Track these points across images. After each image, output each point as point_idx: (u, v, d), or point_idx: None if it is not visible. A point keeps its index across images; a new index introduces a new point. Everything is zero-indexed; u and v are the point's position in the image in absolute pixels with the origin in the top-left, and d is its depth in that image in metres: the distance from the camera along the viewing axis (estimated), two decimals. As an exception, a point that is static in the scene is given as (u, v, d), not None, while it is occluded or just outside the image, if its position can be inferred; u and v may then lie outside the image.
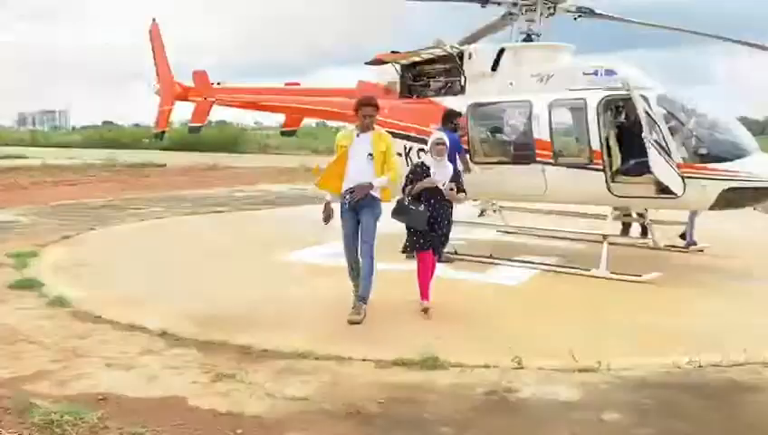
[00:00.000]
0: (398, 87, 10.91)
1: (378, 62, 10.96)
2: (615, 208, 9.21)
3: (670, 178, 8.06)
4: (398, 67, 10.81)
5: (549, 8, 10.05)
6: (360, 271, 6.42)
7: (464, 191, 6.83)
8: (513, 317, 6.59)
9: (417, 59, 10.58)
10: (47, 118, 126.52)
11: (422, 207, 6.38)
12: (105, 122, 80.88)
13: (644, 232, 10.83)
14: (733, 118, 8.92)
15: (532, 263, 9.08)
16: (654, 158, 7.94)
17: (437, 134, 6.82)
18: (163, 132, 14.55)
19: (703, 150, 8.33)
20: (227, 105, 13.18)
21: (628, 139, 8.85)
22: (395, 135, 10.46)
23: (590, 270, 8.48)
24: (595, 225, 9.97)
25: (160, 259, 9.23)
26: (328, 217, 6.41)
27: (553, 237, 10.75)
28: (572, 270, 8.67)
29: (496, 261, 9.16)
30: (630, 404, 4.45)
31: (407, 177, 6.63)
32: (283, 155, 41.02)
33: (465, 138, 9.28)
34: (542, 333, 5.93)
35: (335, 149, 6.52)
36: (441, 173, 6.51)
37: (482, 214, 12.10)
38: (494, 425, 4.09)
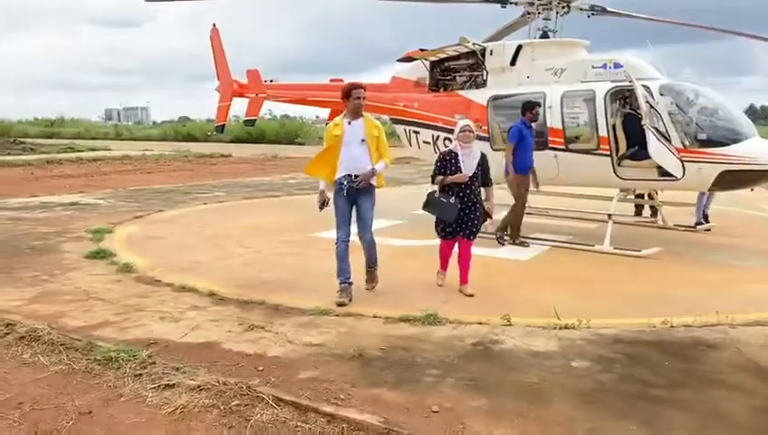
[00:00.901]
0: (427, 81, 11.26)
1: (407, 59, 11.37)
2: (621, 190, 9.39)
3: (670, 163, 8.22)
4: (426, 63, 11.16)
5: (563, 7, 10.20)
6: (348, 253, 6.21)
7: (489, 181, 6.46)
8: (517, 287, 6.84)
9: (443, 55, 10.88)
10: (130, 114, 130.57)
11: (453, 199, 6.22)
12: (181, 118, 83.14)
13: (654, 213, 10.94)
14: (733, 105, 8.91)
15: (545, 240, 9.33)
16: (653, 143, 8.10)
17: (464, 121, 6.52)
18: (223, 126, 15.20)
19: (701, 136, 8.42)
20: (277, 100, 13.75)
21: (632, 126, 9.01)
22: (424, 126, 10.93)
23: (594, 246, 8.72)
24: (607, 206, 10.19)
25: (216, 234, 9.83)
26: (323, 203, 6.18)
27: (568, 217, 10.96)
28: (580, 246, 8.91)
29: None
30: (599, 355, 4.76)
31: (435, 164, 6.44)
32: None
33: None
34: (537, 299, 6.22)
35: (325, 140, 6.24)
36: (468, 162, 6.27)
37: None
38: (474, 369, 4.47)
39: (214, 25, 14.78)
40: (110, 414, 3.77)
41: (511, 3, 10.19)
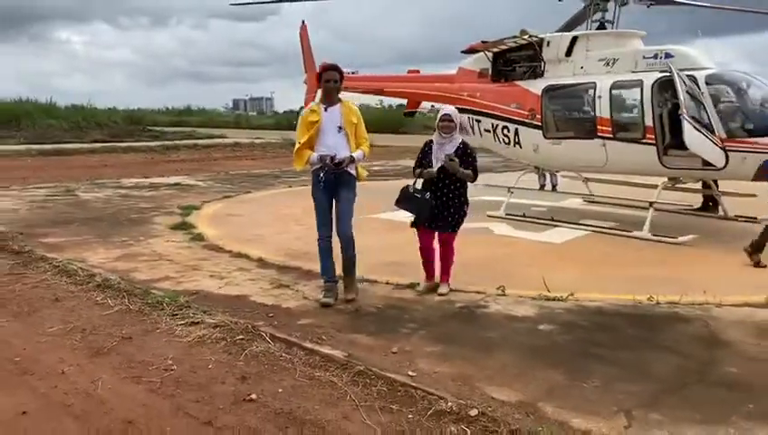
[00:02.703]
0: (489, 72, 11.77)
1: (470, 50, 11.93)
2: (669, 179, 9.53)
3: (708, 152, 8.34)
4: (489, 55, 11.67)
5: (621, -1, 10.38)
6: (331, 251, 5.88)
7: (473, 168, 5.91)
8: (535, 265, 7.26)
9: (504, 47, 11.36)
10: (255, 104, 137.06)
11: (427, 195, 5.84)
12: (301, 107, 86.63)
13: (714, 204, 10.86)
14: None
15: (587, 226, 9.68)
16: (688, 133, 8.25)
17: (446, 109, 6.07)
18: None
19: (747, 125, 8.46)
20: (354, 91, 14.70)
21: (677, 115, 9.12)
22: (485, 114, 11.50)
23: (633, 232, 8.99)
24: (680, 196, 10.50)
25: (284, 213, 10.93)
26: (331, 160, 5.56)
27: (625, 205, 11.12)
28: (619, 232, 9.21)
29: (556, 223, 9.89)
30: (569, 322, 5.31)
31: (417, 156, 6.08)
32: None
33: None
34: (546, 276, 6.60)
35: (299, 126, 5.76)
36: (443, 154, 5.80)
37: (541, 188, 12.59)
38: (448, 326, 5.19)
39: (303, 22, 16.00)
40: (144, 340, 4.86)
41: (567, -5, 10.49)
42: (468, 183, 6.04)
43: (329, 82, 5.59)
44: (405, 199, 5.98)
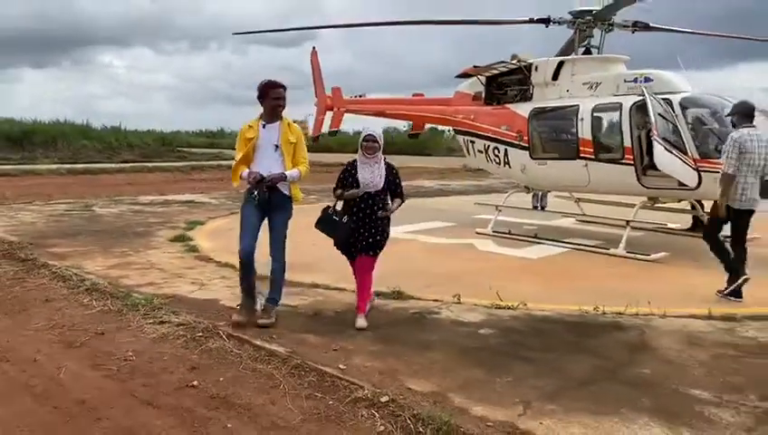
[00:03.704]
0: (483, 95, 12.21)
1: (464, 75, 12.39)
2: (649, 199, 9.79)
3: (680, 172, 8.60)
4: (482, 79, 12.11)
5: (608, 25, 10.74)
6: (252, 268, 5.69)
7: (399, 191, 5.82)
8: (500, 278, 7.54)
9: (495, 72, 11.79)
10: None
11: (345, 218, 5.60)
12: (331, 132, 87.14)
13: (695, 224, 11.02)
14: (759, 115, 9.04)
15: (568, 243, 9.97)
16: (659, 154, 8.53)
17: (369, 129, 5.73)
18: (317, 137, 16.87)
19: (719, 146, 8.68)
20: (357, 114, 15.24)
21: (653, 137, 9.41)
22: (478, 136, 11.91)
23: (610, 250, 9.26)
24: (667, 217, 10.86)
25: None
26: (256, 182, 5.43)
27: (615, 225, 11.35)
28: (597, 249, 9.47)
29: (539, 241, 10.20)
30: (509, 327, 5.65)
31: (339, 176, 5.78)
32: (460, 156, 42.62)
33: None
34: (509, 288, 6.92)
35: (238, 142, 5.61)
36: (368, 175, 5.58)
37: (534, 208, 12.91)
38: (394, 329, 5.57)
39: (314, 48, 16.64)
40: (114, 335, 5.35)
41: (554, 23, 10.89)
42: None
43: (277, 99, 5.46)
44: (324, 221, 5.72)
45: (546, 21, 10.87)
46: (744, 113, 6.94)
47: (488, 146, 11.80)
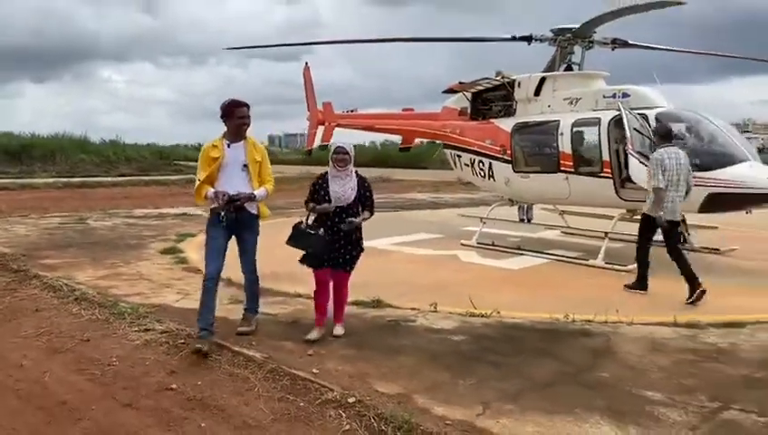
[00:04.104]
0: (469, 111, 12.49)
1: (450, 91, 12.68)
2: (627, 211, 10.03)
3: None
4: (468, 95, 12.40)
5: (588, 42, 11.03)
6: (215, 293, 5.57)
7: (370, 203, 5.80)
8: (479, 288, 7.72)
9: (480, 88, 12.07)
10: (290, 140, 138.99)
11: (321, 231, 5.50)
12: (333, 144, 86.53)
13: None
14: (731, 131, 9.34)
15: (550, 254, 10.20)
16: (634, 167, 8.80)
17: (340, 142, 5.78)
18: (310, 151, 17.16)
19: (693, 160, 8.95)
20: (347, 128, 15.53)
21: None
22: (465, 150, 12.16)
23: (589, 261, 9.49)
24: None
25: (272, 241, 11.64)
26: (225, 202, 5.34)
27: (596, 237, 11.58)
28: (577, 260, 9.71)
29: (521, 252, 10.44)
30: (481, 334, 5.86)
31: (309, 189, 5.74)
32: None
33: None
34: (484, 297, 7.13)
35: (200, 161, 5.51)
36: (340, 188, 5.58)
37: (521, 221, 13.18)
38: (370, 335, 5.78)
39: (306, 64, 16.99)
40: (100, 342, 5.57)
41: (535, 40, 11.18)
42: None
43: (242, 118, 5.42)
44: (297, 236, 5.58)
45: (528, 39, 11.16)
46: (663, 135, 7.80)
47: (474, 160, 12.06)
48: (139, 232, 12.77)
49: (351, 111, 16.16)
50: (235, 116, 5.41)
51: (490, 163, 11.57)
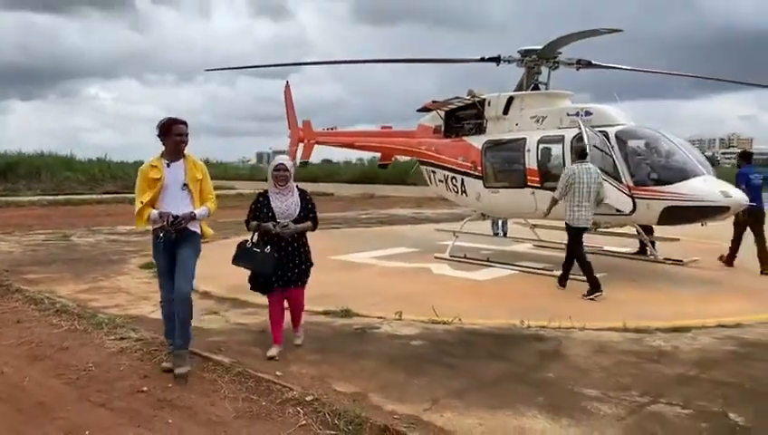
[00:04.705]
0: (442, 129, 12.92)
1: (424, 109, 13.13)
2: (591, 224, 10.44)
3: (615, 199, 9.29)
4: (441, 113, 12.84)
5: (554, 63, 11.52)
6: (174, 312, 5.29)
7: (312, 216, 5.74)
8: (446, 298, 8.09)
9: (452, 106, 12.52)
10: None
11: (268, 249, 5.41)
12: (324, 160, 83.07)
13: (642, 249, 11.75)
14: (688, 147, 9.80)
15: (518, 266, 10.59)
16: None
17: (279, 158, 5.70)
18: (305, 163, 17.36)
19: (651, 175, 9.44)
20: (327, 145, 15.94)
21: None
22: (439, 166, 12.58)
23: (553, 271, 9.88)
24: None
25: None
26: (168, 223, 5.15)
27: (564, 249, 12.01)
28: (542, 271, 10.10)
29: (491, 264, 10.83)
30: (440, 339, 6.22)
31: (250, 207, 5.69)
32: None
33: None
34: (449, 306, 7.47)
35: (139, 182, 5.28)
36: (283, 205, 5.57)
37: (495, 235, 13.60)
38: (335, 341, 6.12)
39: (287, 83, 17.40)
40: (78, 350, 5.88)
41: (504, 61, 11.66)
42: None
43: (180, 136, 5.22)
44: (243, 256, 5.50)
45: (497, 60, 11.63)
46: (578, 153, 9.00)
47: (447, 176, 12.48)
48: (120, 248, 13.05)
49: (331, 129, 16.59)
50: (172, 133, 5.21)
51: (462, 179, 11.99)
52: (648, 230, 11.60)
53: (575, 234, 8.74)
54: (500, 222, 14.01)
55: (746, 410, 4.46)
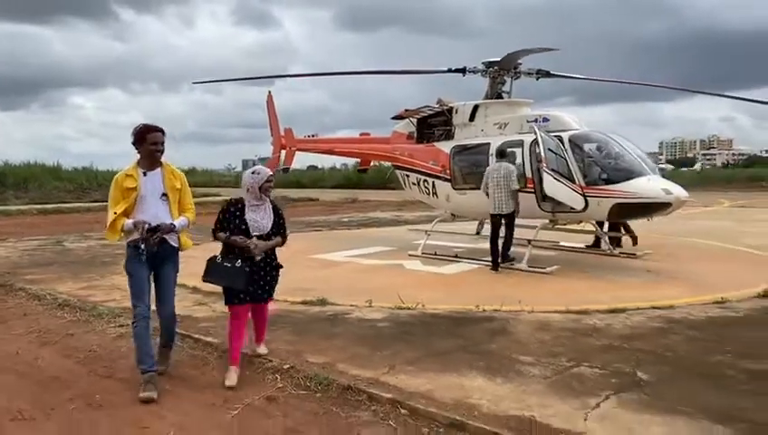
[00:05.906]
0: (415, 135, 13.77)
1: (398, 117, 13.97)
2: (549, 221, 11.33)
3: (567, 198, 10.17)
4: (414, 120, 13.69)
5: (515, 73, 12.40)
6: (149, 333, 5.13)
7: (282, 230, 5.42)
8: (414, 289, 8.86)
9: (424, 114, 13.38)
10: (264, 163, 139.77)
11: (239, 263, 5.12)
12: (309, 167, 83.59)
13: (596, 243, 12.68)
14: (635, 150, 10.70)
15: (485, 261, 11.42)
16: (547, 182, 10.12)
17: (263, 170, 5.39)
18: (287, 169, 18.08)
19: (600, 175, 10.33)
20: (307, 152, 16.74)
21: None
22: (412, 170, 13.40)
23: (514, 265, 10.74)
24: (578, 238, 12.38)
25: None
26: (146, 232, 4.93)
27: (539, 247, 12.85)
28: (505, 266, 10.94)
29: (459, 259, 11.66)
30: (404, 322, 7.02)
31: (218, 216, 5.32)
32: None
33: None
34: (415, 295, 8.28)
35: (113, 192, 5.01)
36: (259, 219, 5.28)
37: (477, 234, 14.44)
38: (311, 325, 6.91)
39: (269, 93, 18.17)
40: (82, 336, 6.63)
41: (470, 72, 12.52)
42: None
43: (155, 144, 4.95)
44: (214, 272, 5.23)
45: (462, 71, 12.50)
46: (499, 153, 10.89)
47: (420, 179, 13.33)
48: (112, 251, 13.71)
49: (312, 136, 17.38)
50: (147, 141, 4.94)
51: (433, 182, 12.84)
52: (626, 228, 12.62)
53: (493, 220, 10.63)
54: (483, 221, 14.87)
55: (653, 369, 5.31)
